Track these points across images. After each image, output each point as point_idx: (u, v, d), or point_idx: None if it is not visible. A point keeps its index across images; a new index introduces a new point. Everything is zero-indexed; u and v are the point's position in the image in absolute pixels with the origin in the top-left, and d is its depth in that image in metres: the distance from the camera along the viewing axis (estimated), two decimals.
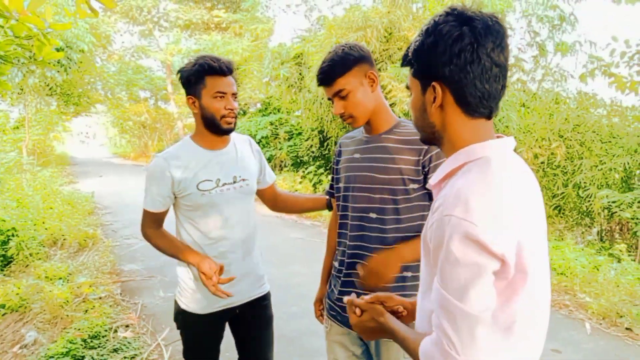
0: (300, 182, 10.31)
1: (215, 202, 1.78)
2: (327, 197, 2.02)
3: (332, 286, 1.75)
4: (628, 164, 6.30)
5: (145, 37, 20.83)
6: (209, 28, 17.95)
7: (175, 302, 1.91)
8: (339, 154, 1.79)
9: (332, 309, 1.74)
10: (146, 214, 1.82)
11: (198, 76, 1.73)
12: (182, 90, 1.85)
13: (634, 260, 5.22)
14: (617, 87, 7.53)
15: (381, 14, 7.83)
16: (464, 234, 0.79)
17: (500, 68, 0.90)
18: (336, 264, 1.75)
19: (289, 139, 11.78)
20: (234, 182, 1.84)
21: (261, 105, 14.51)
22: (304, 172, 10.64)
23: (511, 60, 9.53)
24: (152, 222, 1.83)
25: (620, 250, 5.02)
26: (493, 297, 0.82)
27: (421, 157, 1.51)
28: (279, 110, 12.84)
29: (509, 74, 0.98)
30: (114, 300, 4.30)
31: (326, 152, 10.81)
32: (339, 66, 1.54)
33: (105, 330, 3.58)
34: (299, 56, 9.67)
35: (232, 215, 1.82)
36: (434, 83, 0.92)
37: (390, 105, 7.85)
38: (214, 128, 1.78)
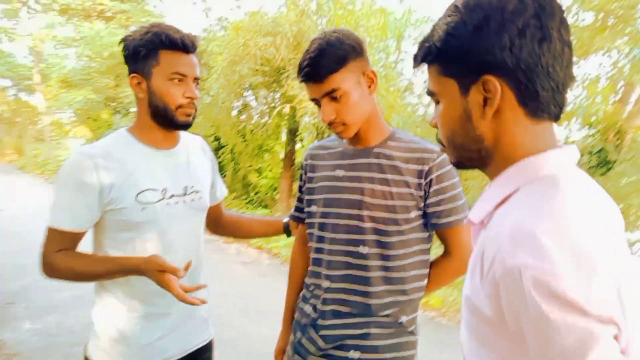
0: None
1: (158, 220, 1.31)
2: (284, 220, 1.65)
3: (304, 337, 1.35)
4: None
5: (9, 18, 18.09)
6: (89, 16, 16.16)
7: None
8: (312, 168, 1.40)
9: None
10: (56, 236, 1.26)
11: (150, 49, 1.26)
12: (52, 82, 1.33)
13: None
14: None
15: (291, 22, 7.61)
16: (549, 290, 0.54)
17: (570, 50, 0.66)
18: (306, 308, 1.37)
19: None
20: (185, 193, 1.38)
21: None
22: None
23: (404, 83, 10.02)
24: (62, 247, 1.27)
25: None
26: None
27: (422, 180, 1.21)
28: None
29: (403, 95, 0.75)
30: None
31: (220, 159, 10.23)
32: (333, 57, 1.16)
33: None
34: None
35: (178, 237, 1.35)
36: (485, 77, 0.65)
37: (301, 116, 7.66)
38: (165, 120, 1.31)
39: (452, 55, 0.68)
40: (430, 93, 0.76)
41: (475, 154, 0.73)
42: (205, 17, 11.99)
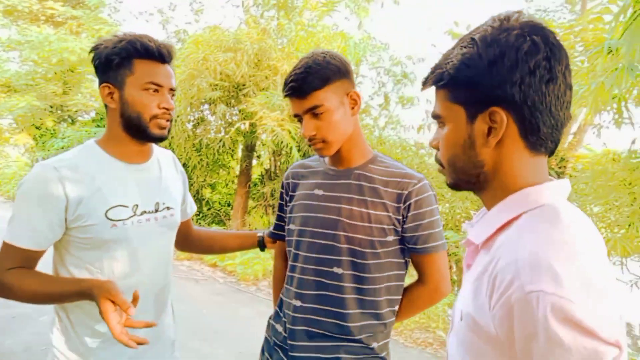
0: None
1: (129, 238, 1.25)
2: (259, 234, 1.63)
3: (272, 358, 1.35)
4: (467, 207, 7.09)
5: None
6: (37, 19, 15.43)
7: None
8: (294, 187, 1.41)
9: None
10: (11, 253, 1.17)
11: (123, 57, 1.22)
12: None
13: None
14: None
15: (252, 39, 7.62)
16: (565, 316, 0.58)
17: (571, 92, 0.73)
18: (277, 327, 1.37)
19: None
20: (156, 210, 1.33)
21: (96, 114, 12.88)
22: None
23: (362, 106, 10.27)
24: (17, 265, 1.19)
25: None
26: None
27: (401, 204, 1.23)
28: None
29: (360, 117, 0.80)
30: None
31: None
32: (318, 76, 1.21)
33: None
34: None
35: (148, 256, 1.30)
36: (493, 109, 0.71)
37: (259, 133, 7.61)
38: (138, 132, 1.26)
39: (464, 84, 0.73)
40: (436, 116, 0.79)
41: (473, 178, 0.77)
42: (162, 29, 11.74)
